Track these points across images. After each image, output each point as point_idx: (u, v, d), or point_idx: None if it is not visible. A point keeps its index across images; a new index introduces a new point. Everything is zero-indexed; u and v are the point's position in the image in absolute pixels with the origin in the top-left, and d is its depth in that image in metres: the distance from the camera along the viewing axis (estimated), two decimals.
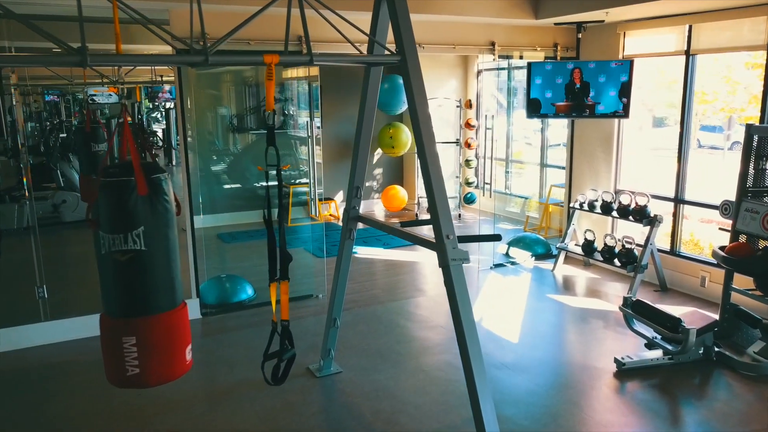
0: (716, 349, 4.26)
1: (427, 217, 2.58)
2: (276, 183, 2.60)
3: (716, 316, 4.67)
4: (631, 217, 5.79)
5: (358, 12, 4.15)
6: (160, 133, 8.27)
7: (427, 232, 3.16)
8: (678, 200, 5.82)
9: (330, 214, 9.42)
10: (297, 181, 9.18)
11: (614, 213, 5.98)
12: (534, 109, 6.16)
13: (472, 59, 9.48)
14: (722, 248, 4.47)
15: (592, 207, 6.22)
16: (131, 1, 4.42)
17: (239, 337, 4.90)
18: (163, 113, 8.17)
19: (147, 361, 2.49)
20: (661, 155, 6.85)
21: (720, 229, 4.76)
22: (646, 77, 6.69)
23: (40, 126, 7.43)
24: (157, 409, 3.78)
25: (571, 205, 6.59)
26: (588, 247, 6.15)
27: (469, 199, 9.39)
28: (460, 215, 9.26)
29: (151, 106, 8.38)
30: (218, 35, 4.96)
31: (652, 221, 5.61)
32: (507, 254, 7.11)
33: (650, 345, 4.30)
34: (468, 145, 9.31)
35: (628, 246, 5.75)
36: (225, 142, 8.94)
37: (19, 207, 7.32)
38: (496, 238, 3.01)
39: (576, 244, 6.43)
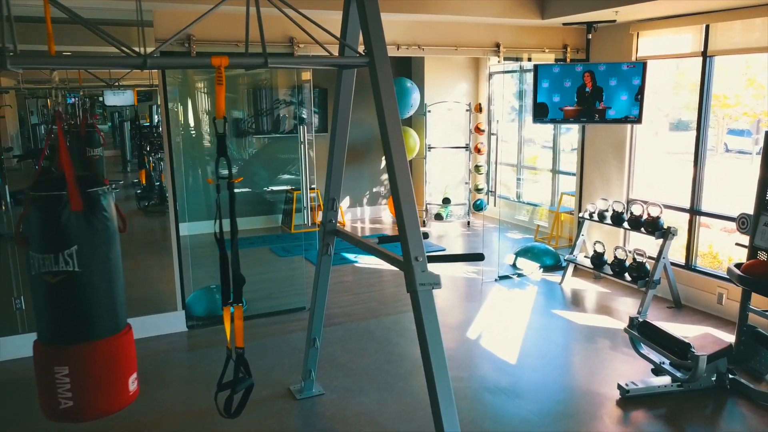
0: (730, 376, 3.92)
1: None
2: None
3: (732, 339, 4.33)
4: (642, 229, 5.45)
5: (330, 11, 3.90)
6: None
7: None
8: (694, 211, 5.46)
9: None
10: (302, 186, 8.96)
11: (625, 224, 5.64)
12: (541, 113, 5.85)
13: (484, 61, 9.18)
14: (738, 266, 4.12)
15: (602, 217, 5.89)
16: (115, 1, 4.24)
17: (224, 352, 4.66)
18: None
19: (82, 393, 2.27)
20: (685, 159, 6.42)
21: (737, 244, 4.41)
22: (665, 79, 6.34)
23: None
24: (128, 430, 3.57)
25: (580, 215, 6.26)
26: (597, 259, 5.82)
27: (478, 206, 9.08)
28: (469, 223, 8.96)
29: None
30: (201, 35, 4.78)
31: (665, 234, 5.26)
32: (514, 265, 6.80)
33: (657, 371, 3.98)
34: (478, 151, 9.01)
35: (639, 259, 5.40)
36: (230, 146, 8.77)
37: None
38: (478, 257, 2.73)
39: (585, 256, 6.10)
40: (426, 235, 3.48)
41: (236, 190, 2.36)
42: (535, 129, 8.73)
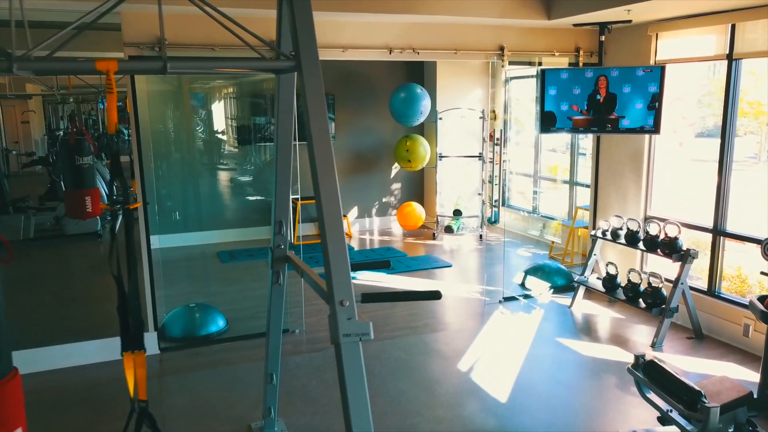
0: (751, 428, 3.39)
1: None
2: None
3: (756, 379, 3.80)
4: (659, 251, 4.92)
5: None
6: None
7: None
8: (717, 231, 4.91)
9: None
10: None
11: (640, 245, 5.12)
12: (548, 123, 5.38)
13: (500, 66, 8.70)
14: (762, 299, 3.59)
15: (615, 236, 5.37)
16: (82, 2, 3.96)
17: (192, 379, 4.33)
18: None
19: None
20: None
21: (762, 273, 3.87)
22: (692, 85, 5.78)
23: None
24: None
25: (592, 232, 5.75)
26: (610, 282, 5.30)
27: (491, 219, 8.60)
28: (481, 236, 8.48)
29: None
30: (176, 39, 4.47)
31: (684, 257, 4.73)
32: (523, 284, 6.31)
33: (664, 419, 3.47)
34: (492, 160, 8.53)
35: (654, 284, 4.88)
36: (228, 156, 8.49)
37: (25, 218, 7.09)
38: (434, 296, 2.33)
39: (598, 278, 5.58)
40: (388, 264, 3.07)
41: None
42: (554, 138, 8.22)
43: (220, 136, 8.39)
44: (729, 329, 4.81)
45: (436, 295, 2.36)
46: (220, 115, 8.38)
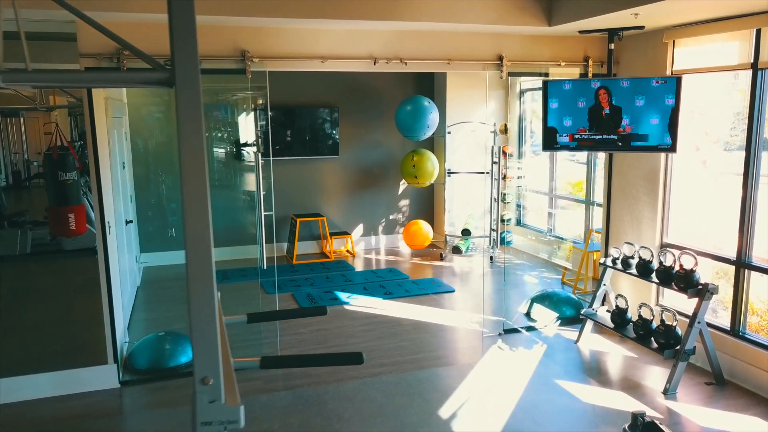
0: None
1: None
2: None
3: None
4: (674, 284, 4.37)
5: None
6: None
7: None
8: (741, 263, 4.33)
9: (346, 250, 8.41)
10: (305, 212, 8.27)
11: (653, 277, 4.57)
12: (551, 139, 4.88)
13: (515, 78, 8.21)
14: None
15: (626, 265, 4.83)
16: (37, 10, 3.67)
17: (147, 419, 3.96)
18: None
19: None
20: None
21: None
22: (716, 97, 5.22)
23: None
24: None
25: (601, 260, 5.21)
26: (619, 317, 4.75)
27: (503, 240, 8.08)
28: (492, 258, 7.96)
29: None
30: (149, 49, 4.13)
31: (701, 292, 4.18)
32: (528, 314, 5.80)
33: None
34: (503, 177, 8.03)
35: (667, 322, 4.32)
36: (227, 170, 8.17)
37: (21, 233, 6.88)
38: (355, 360, 1.89)
39: (608, 310, 5.03)
40: (324, 311, 2.65)
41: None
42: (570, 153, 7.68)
43: (216, 149, 8.09)
44: (754, 375, 4.22)
45: (356, 359, 1.92)
46: (217, 127, 8.07)
